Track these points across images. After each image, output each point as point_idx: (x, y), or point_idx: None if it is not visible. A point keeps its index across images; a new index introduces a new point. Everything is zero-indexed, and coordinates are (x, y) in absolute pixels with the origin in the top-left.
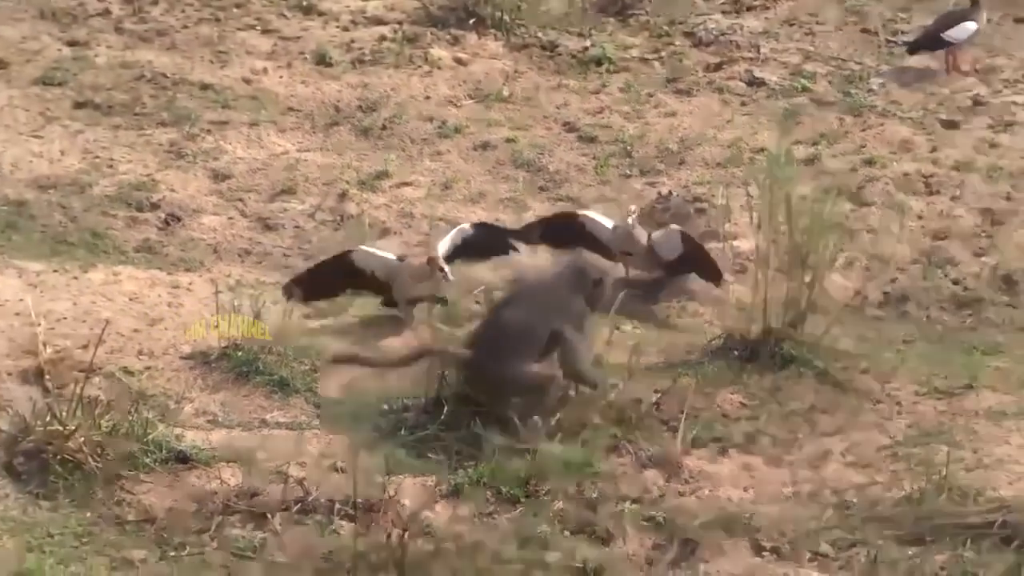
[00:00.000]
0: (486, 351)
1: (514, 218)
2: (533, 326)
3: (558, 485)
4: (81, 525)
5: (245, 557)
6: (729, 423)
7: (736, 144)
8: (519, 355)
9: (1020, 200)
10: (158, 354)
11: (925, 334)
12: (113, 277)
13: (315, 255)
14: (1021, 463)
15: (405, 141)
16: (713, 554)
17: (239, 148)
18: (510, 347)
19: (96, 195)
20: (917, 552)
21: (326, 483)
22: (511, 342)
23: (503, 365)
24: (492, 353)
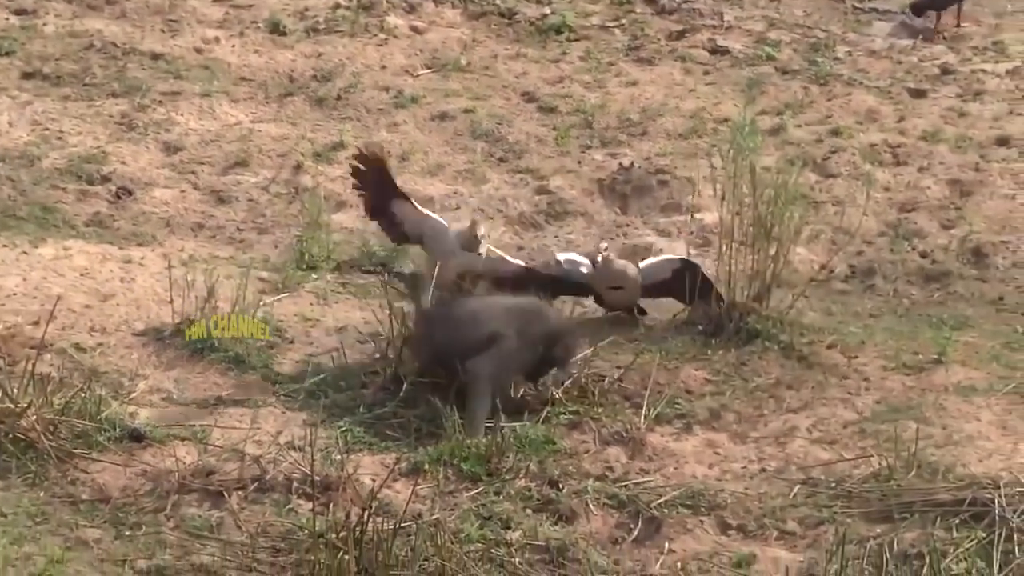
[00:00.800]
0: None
1: (472, 189)
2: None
3: (520, 463)
4: (34, 504)
5: (201, 536)
6: (693, 399)
7: (699, 114)
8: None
9: (989, 171)
10: (110, 330)
11: (892, 308)
12: (64, 252)
13: (269, 228)
14: (991, 439)
15: (361, 111)
16: (678, 532)
17: (191, 119)
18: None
19: (45, 168)
20: (886, 530)
21: (283, 461)
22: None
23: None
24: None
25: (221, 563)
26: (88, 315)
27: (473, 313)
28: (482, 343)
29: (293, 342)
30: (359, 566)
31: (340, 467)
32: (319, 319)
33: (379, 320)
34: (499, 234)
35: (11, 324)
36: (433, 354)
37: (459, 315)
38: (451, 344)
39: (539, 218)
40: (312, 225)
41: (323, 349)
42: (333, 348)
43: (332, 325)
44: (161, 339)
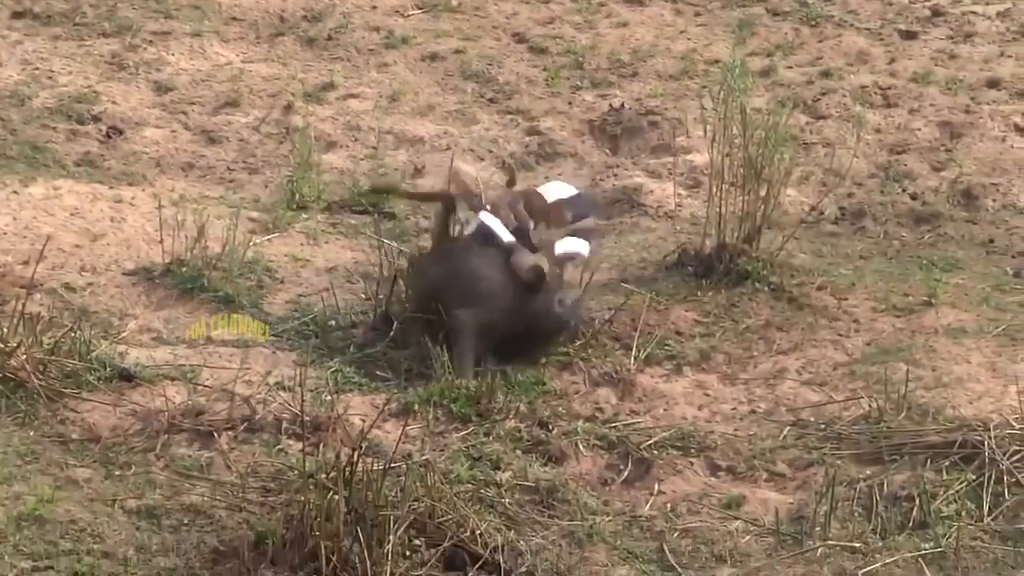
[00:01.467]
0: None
1: (462, 130)
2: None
3: (510, 404)
4: (24, 444)
5: (191, 476)
6: (683, 341)
7: (690, 55)
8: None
9: (980, 113)
10: (101, 270)
11: (882, 250)
12: (54, 191)
13: (260, 168)
14: (981, 381)
15: (351, 52)
16: (667, 474)
17: (182, 59)
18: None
19: (36, 107)
20: (876, 472)
21: (273, 401)
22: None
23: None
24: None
25: (211, 503)
26: (78, 255)
27: (469, 261)
28: (473, 293)
29: (283, 282)
30: (349, 506)
31: (330, 407)
32: (309, 259)
33: (369, 260)
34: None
35: (1, 264)
36: (424, 295)
37: (455, 261)
38: (443, 288)
39: (529, 159)
40: (302, 165)
41: (313, 289)
42: (323, 288)
43: (322, 265)
44: (151, 279)
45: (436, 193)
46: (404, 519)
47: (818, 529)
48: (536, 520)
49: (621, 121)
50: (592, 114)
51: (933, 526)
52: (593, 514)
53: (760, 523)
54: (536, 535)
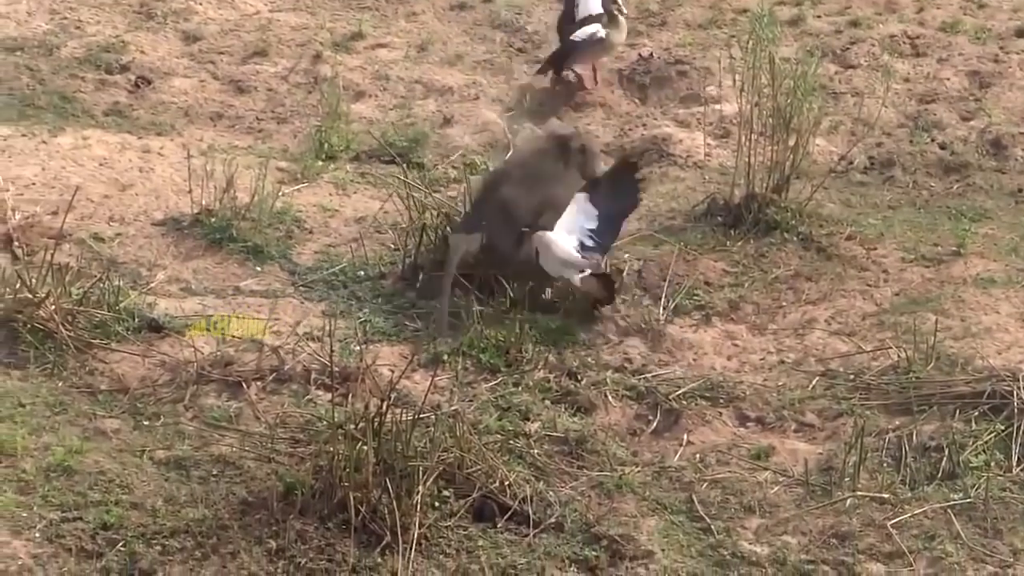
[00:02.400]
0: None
1: (491, 80)
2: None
3: (539, 354)
4: (53, 395)
5: (220, 427)
6: (712, 291)
7: (718, 4)
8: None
9: (1008, 62)
10: (129, 220)
11: (911, 200)
12: (83, 141)
13: (288, 118)
14: (1010, 331)
15: (380, 1)
16: (696, 424)
17: (210, 9)
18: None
19: (64, 57)
20: (905, 422)
21: (302, 352)
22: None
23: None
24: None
25: (239, 454)
26: (107, 205)
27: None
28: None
29: (312, 232)
30: (378, 457)
31: (359, 358)
32: (338, 209)
33: (398, 210)
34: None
35: (30, 214)
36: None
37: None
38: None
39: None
40: (331, 115)
41: (342, 240)
42: (352, 239)
43: (351, 216)
44: (180, 229)
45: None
46: (433, 470)
47: (847, 480)
48: (565, 471)
49: (650, 71)
50: (621, 63)
51: (962, 477)
52: (622, 465)
53: (789, 474)
54: (565, 486)
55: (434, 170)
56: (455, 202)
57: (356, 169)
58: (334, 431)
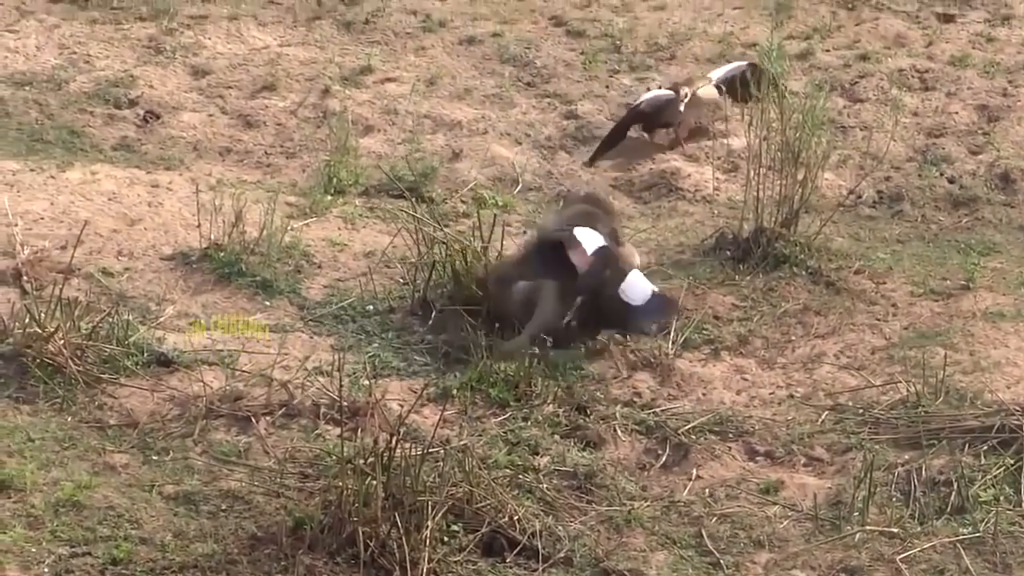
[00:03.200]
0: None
1: (501, 114)
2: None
3: (548, 389)
4: (62, 430)
5: (229, 462)
6: (721, 325)
7: (727, 38)
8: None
9: (1017, 96)
10: (138, 255)
11: (920, 234)
12: (91, 176)
13: (297, 153)
14: (1019, 365)
15: (389, 35)
16: (705, 459)
17: (219, 43)
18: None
19: (73, 92)
20: (914, 456)
21: (311, 386)
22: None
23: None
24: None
25: (249, 488)
26: (115, 239)
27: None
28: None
29: (321, 267)
30: (387, 492)
31: (368, 392)
32: (347, 244)
33: (407, 245)
34: (526, 159)
35: (39, 248)
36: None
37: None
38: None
39: (567, 142)
40: (340, 149)
41: (351, 274)
42: (361, 273)
43: (360, 250)
44: (189, 263)
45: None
46: (442, 504)
47: (856, 514)
48: (574, 505)
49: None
50: (630, 98)
51: (971, 511)
52: (631, 499)
53: (798, 508)
54: (574, 520)
55: (443, 204)
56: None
57: (365, 203)
58: (343, 466)
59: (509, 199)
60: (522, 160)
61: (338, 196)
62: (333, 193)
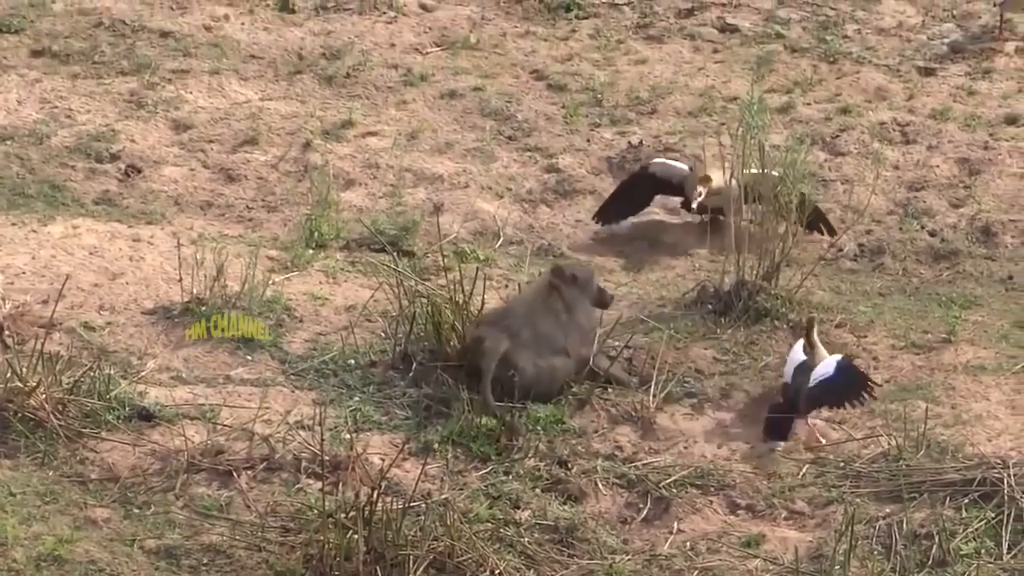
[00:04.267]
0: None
1: (481, 167)
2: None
3: (529, 443)
4: (43, 484)
5: (210, 516)
6: (703, 378)
7: (708, 92)
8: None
9: (998, 149)
10: (119, 309)
11: (901, 287)
12: (72, 230)
13: (278, 207)
14: (1000, 419)
15: (370, 89)
16: (687, 512)
17: (200, 97)
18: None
19: (54, 146)
20: (895, 510)
21: (292, 441)
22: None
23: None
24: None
25: (230, 542)
26: (97, 294)
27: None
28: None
29: (302, 321)
30: (368, 546)
31: (349, 446)
32: (328, 298)
33: (388, 299)
34: (508, 213)
35: (20, 303)
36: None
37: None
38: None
39: (548, 196)
40: (321, 203)
41: (332, 328)
42: (342, 327)
43: (341, 304)
44: (170, 318)
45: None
46: (423, 558)
47: (837, 568)
48: (555, 559)
49: (640, 158)
50: (611, 151)
51: (952, 565)
52: (613, 553)
53: (779, 562)
54: (555, 575)
55: (424, 258)
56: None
57: (346, 257)
58: (324, 520)
59: (490, 253)
60: (503, 214)
61: (319, 250)
62: (314, 247)
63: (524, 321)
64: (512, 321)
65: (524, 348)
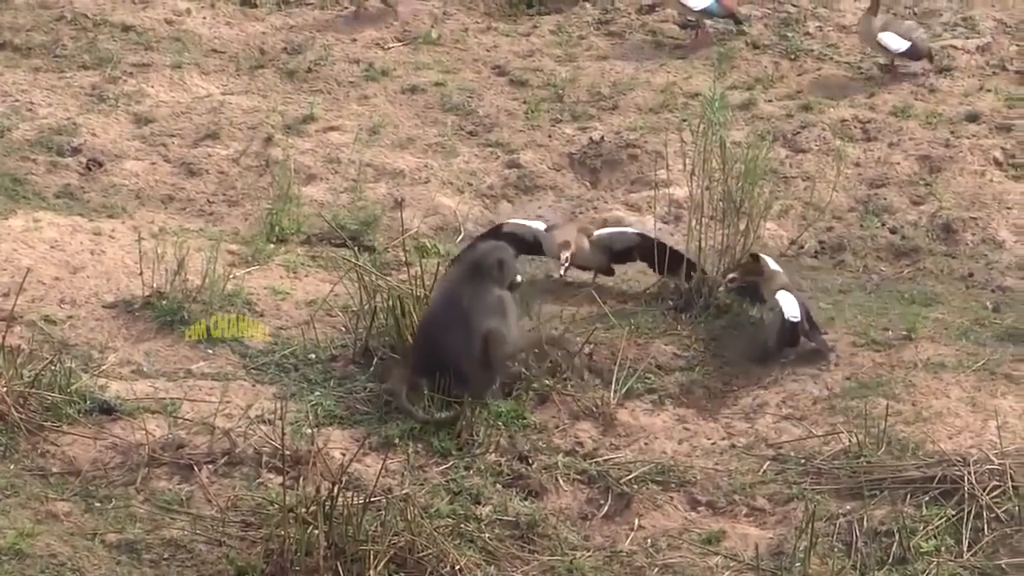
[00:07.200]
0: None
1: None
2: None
3: (490, 438)
4: (4, 478)
5: (171, 510)
6: (663, 374)
7: (669, 88)
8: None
9: (959, 147)
10: (80, 303)
11: (862, 284)
12: (34, 224)
13: (239, 201)
14: (960, 416)
15: (331, 84)
16: (647, 508)
17: (162, 91)
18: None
19: (16, 139)
20: (855, 507)
21: (253, 435)
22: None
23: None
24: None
25: (191, 537)
26: (58, 287)
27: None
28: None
29: (263, 315)
30: (329, 541)
31: (310, 441)
32: (289, 292)
33: (349, 293)
34: (469, 208)
35: None
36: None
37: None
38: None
39: (509, 191)
40: (282, 198)
41: (293, 323)
42: (303, 321)
43: (302, 298)
44: (131, 312)
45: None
46: (384, 554)
47: (798, 565)
48: (516, 555)
49: (601, 154)
50: (572, 147)
51: (913, 562)
52: (573, 549)
53: (740, 558)
54: (516, 571)
55: (385, 253)
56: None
57: (307, 252)
58: (285, 515)
59: (451, 248)
60: (464, 209)
61: (280, 244)
62: (275, 241)
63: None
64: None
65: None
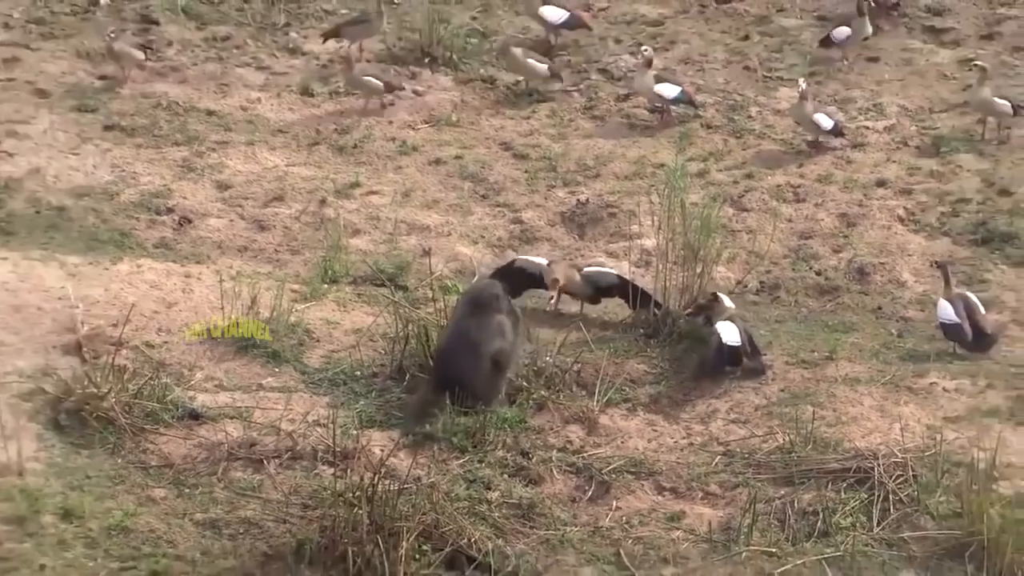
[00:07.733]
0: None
1: (460, 219)
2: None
3: (498, 438)
4: (113, 469)
5: (246, 495)
6: (636, 387)
7: (641, 160)
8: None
9: (870, 206)
10: (174, 331)
11: (794, 315)
12: (137, 268)
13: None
14: (871, 420)
15: (373, 157)
16: (623, 493)
17: (238, 163)
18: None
19: (122, 202)
20: (788, 492)
21: (311, 435)
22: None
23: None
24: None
25: (261, 516)
26: (156, 319)
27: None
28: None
29: (319, 341)
30: (371, 519)
31: (356, 440)
32: (339, 322)
33: (387, 323)
34: (482, 256)
35: (95, 326)
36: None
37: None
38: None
39: (514, 242)
40: (334, 248)
41: (343, 346)
42: (351, 345)
43: (350, 327)
44: (214, 338)
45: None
46: (414, 529)
47: (743, 537)
48: (519, 530)
49: (587, 213)
50: (563, 207)
51: (834, 535)
52: (565, 525)
53: (697, 533)
54: (519, 542)
55: (416, 291)
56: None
57: (354, 290)
58: (336, 498)
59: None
60: (479, 256)
61: (333, 284)
62: (329, 282)
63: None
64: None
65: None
